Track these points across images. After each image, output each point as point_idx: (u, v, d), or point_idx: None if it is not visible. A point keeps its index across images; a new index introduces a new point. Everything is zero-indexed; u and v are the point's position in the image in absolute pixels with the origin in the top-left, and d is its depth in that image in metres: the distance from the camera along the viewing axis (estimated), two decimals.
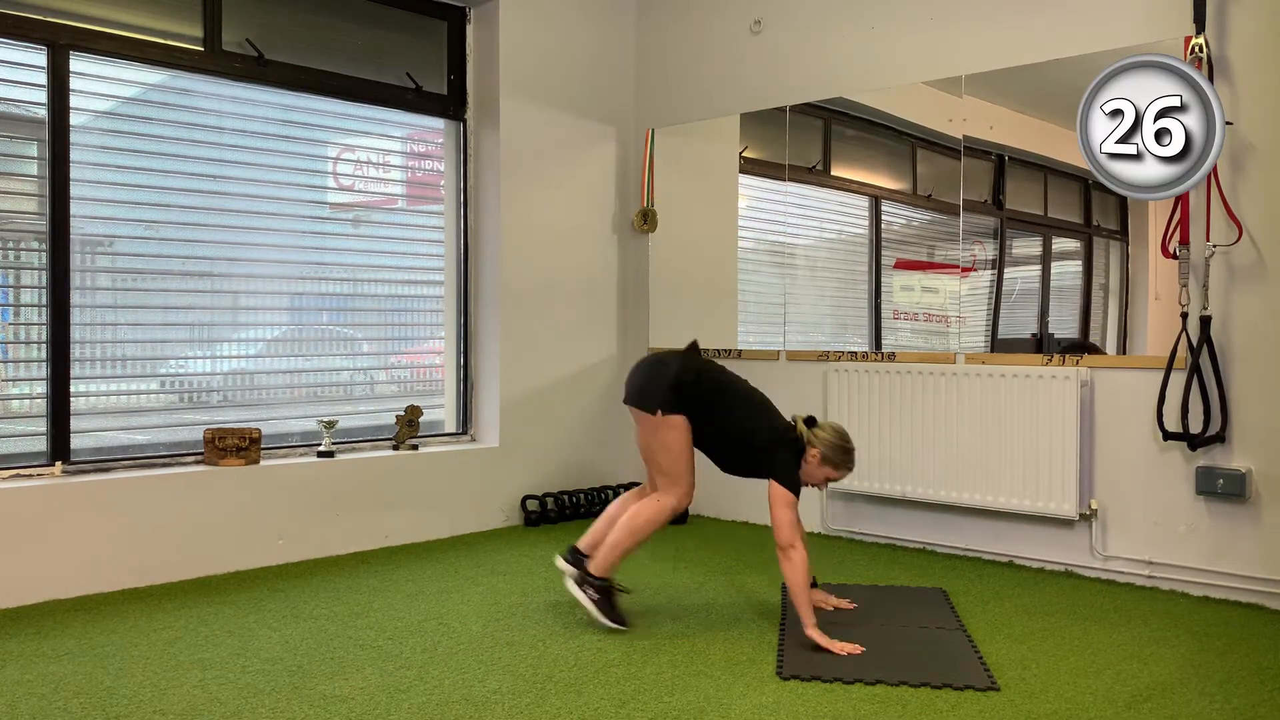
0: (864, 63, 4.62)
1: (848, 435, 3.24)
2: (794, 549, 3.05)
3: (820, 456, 3.18)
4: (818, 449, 3.18)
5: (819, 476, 3.22)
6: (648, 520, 3.25)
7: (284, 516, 4.13)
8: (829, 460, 3.19)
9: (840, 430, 3.24)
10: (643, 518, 3.25)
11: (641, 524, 3.24)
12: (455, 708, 2.57)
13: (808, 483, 3.24)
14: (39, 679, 2.76)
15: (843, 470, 3.23)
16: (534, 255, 5.03)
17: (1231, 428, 3.64)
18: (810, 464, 3.20)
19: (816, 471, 3.21)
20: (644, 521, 3.24)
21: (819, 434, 3.19)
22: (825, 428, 3.22)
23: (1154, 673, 2.87)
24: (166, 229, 4.09)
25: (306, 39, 4.49)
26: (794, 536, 3.07)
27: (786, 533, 3.08)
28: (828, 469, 3.20)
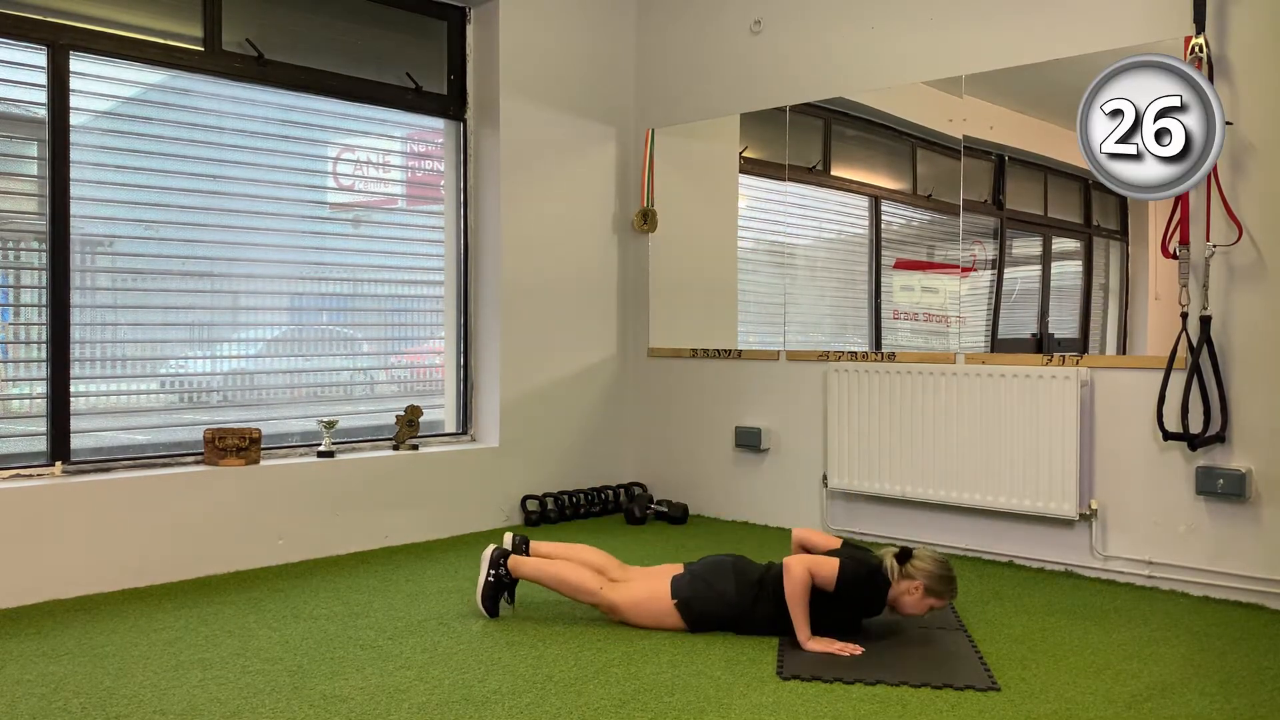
0: (864, 63, 4.62)
1: (948, 564, 3.15)
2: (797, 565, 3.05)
3: (924, 589, 3.10)
4: (920, 582, 3.10)
5: (922, 608, 3.13)
6: (578, 588, 3.27)
7: (284, 516, 4.13)
8: (933, 591, 3.11)
9: (939, 559, 3.15)
10: (576, 582, 3.27)
11: (573, 582, 3.27)
12: (455, 708, 2.57)
13: (907, 614, 3.15)
14: (39, 679, 2.76)
15: (946, 598, 3.15)
16: (534, 255, 5.03)
17: (1231, 428, 3.64)
18: (913, 596, 3.10)
19: (919, 604, 3.11)
20: (574, 585, 3.27)
21: (919, 566, 3.11)
22: (924, 558, 3.13)
23: (1154, 673, 2.87)
24: (166, 229, 4.09)
25: (306, 39, 4.49)
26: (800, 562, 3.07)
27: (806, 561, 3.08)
28: (931, 600, 3.12)
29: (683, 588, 3.20)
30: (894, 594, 3.12)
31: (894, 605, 3.15)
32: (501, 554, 3.37)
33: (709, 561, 3.29)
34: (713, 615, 3.19)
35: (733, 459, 5.09)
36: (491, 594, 3.33)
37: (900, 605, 3.14)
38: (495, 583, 3.33)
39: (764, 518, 4.98)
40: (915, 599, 3.11)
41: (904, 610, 3.15)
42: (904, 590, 3.11)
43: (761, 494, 4.98)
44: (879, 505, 4.54)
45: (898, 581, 3.11)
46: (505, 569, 3.34)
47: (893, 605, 3.15)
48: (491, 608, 3.33)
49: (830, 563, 3.08)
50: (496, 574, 3.34)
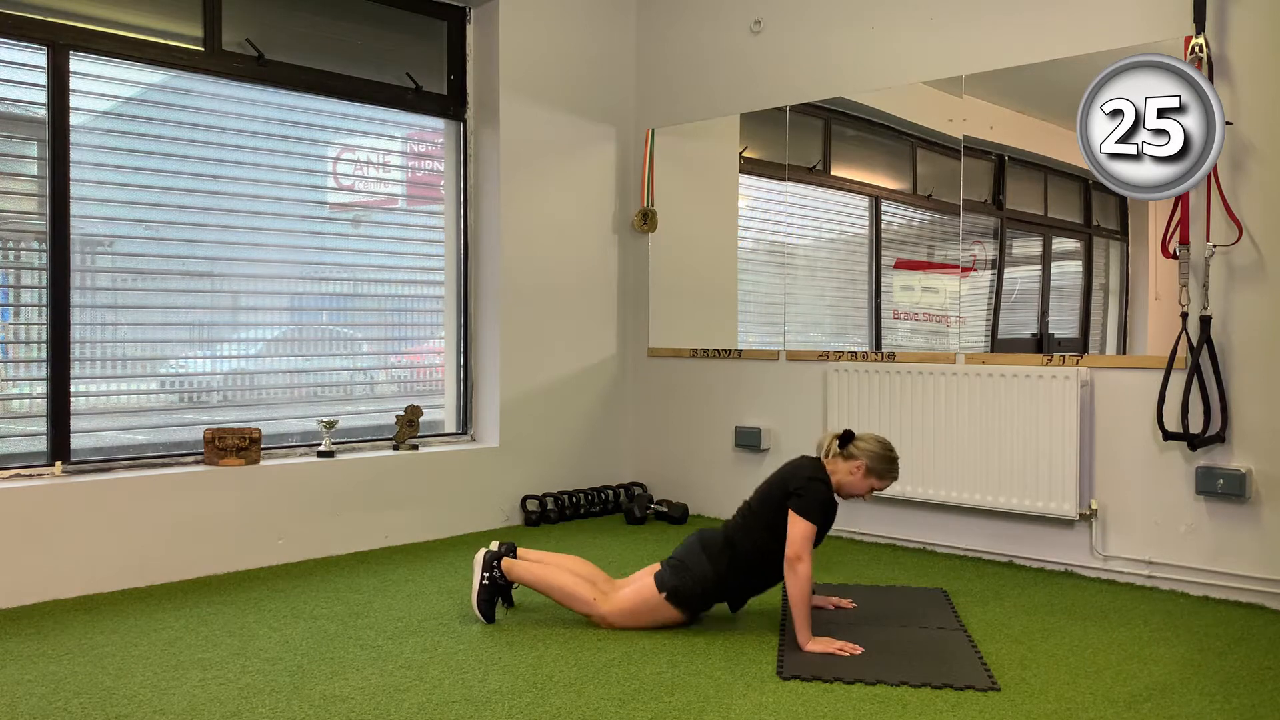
0: (864, 63, 4.62)
1: (890, 445, 3.25)
2: (801, 563, 3.04)
3: (865, 469, 3.18)
4: (861, 461, 3.18)
5: (863, 487, 3.21)
6: (573, 595, 3.25)
7: (284, 516, 4.13)
8: (874, 471, 3.19)
9: (882, 440, 3.24)
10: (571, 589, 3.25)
11: (568, 589, 3.25)
12: (455, 708, 2.57)
13: (850, 495, 3.23)
14: (39, 679, 2.76)
15: (887, 479, 3.22)
16: (534, 255, 5.03)
17: (1231, 428, 3.64)
18: (854, 476, 3.19)
19: (861, 483, 3.20)
20: (569, 592, 3.25)
21: (861, 446, 3.20)
22: (866, 439, 3.22)
23: (1154, 673, 2.87)
24: (166, 229, 4.09)
25: (306, 39, 4.49)
26: (804, 552, 3.06)
27: (797, 547, 3.06)
28: (872, 479, 3.20)
29: (667, 579, 3.21)
30: (838, 478, 3.20)
31: (839, 491, 3.22)
32: (494, 556, 3.34)
33: (680, 549, 3.30)
34: (703, 595, 3.20)
35: (733, 459, 5.09)
36: (487, 597, 3.30)
37: (843, 489, 3.21)
38: (490, 585, 3.30)
39: None
40: (857, 479, 3.19)
41: (846, 492, 3.22)
42: (846, 471, 3.19)
43: None
44: (879, 505, 4.54)
45: (840, 462, 3.20)
46: (500, 572, 3.32)
47: (837, 492, 3.22)
48: (488, 612, 3.29)
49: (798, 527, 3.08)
50: (491, 577, 3.31)
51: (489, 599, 3.30)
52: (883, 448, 3.22)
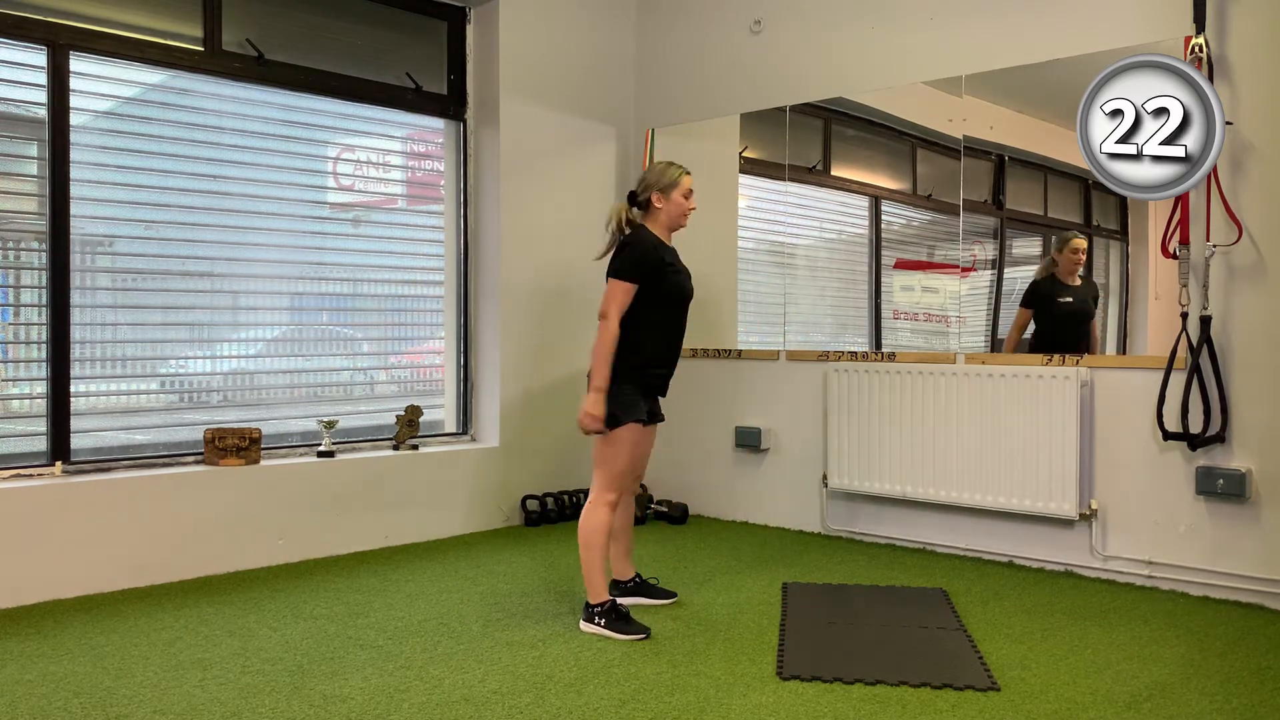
0: (864, 63, 4.62)
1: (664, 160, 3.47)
2: (605, 320, 3.23)
3: (658, 194, 3.35)
4: (652, 192, 3.35)
5: (677, 207, 3.38)
6: (590, 529, 3.25)
7: (284, 516, 4.13)
8: (663, 186, 3.36)
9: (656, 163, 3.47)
10: (586, 528, 3.26)
11: (587, 535, 3.25)
12: (455, 708, 2.57)
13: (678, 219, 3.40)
14: (39, 679, 2.76)
15: (682, 179, 3.38)
16: (534, 255, 5.03)
17: (1231, 428, 3.64)
18: (660, 208, 3.37)
19: (671, 207, 3.38)
20: (588, 531, 3.26)
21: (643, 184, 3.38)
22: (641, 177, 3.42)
23: (1154, 673, 2.87)
24: (166, 229, 4.09)
25: (306, 39, 4.49)
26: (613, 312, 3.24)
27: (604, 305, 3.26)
28: (674, 193, 3.37)
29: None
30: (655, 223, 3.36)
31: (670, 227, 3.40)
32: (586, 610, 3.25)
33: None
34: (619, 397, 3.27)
35: (733, 459, 5.09)
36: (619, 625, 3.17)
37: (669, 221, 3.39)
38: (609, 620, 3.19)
39: (764, 518, 4.98)
40: (664, 205, 3.36)
41: (673, 222, 3.40)
42: (656, 212, 3.36)
43: (761, 494, 4.98)
44: (879, 505, 4.54)
45: (647, 214, 3.37)
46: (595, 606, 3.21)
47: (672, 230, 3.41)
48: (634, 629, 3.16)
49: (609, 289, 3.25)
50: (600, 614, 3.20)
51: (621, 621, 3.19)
52: (655, 166, 3.42)
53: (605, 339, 3.23)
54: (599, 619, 3.20)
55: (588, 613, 3.23)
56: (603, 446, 3.27)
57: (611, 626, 3.18)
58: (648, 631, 3.18)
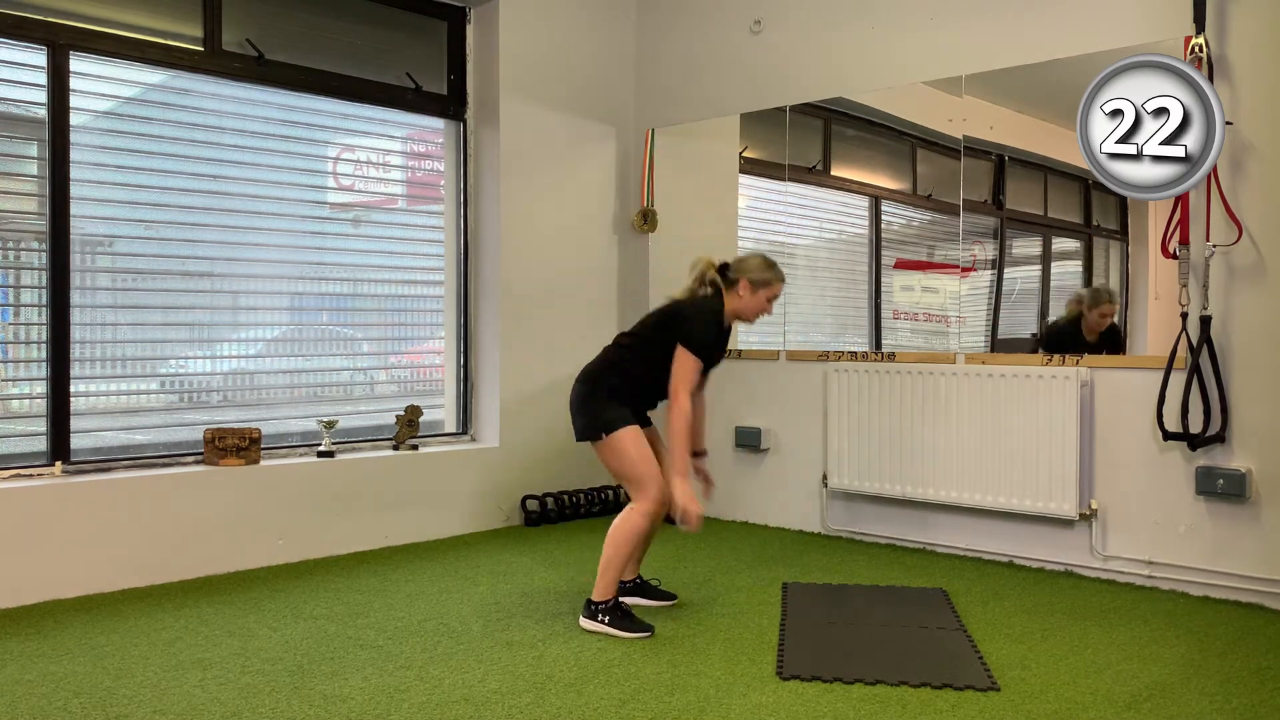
0: (864, 63, 4.62)
1: (764, 255, 3.40)
2: (680, 396, 3.17)
3: (748, 284, 3.28)
4: (744, 278, 3.28)
5: (759, 302, 3.31)
6: (625, 533, 3.23)
7: (284, 516, 4.13)
8: (755, 280, 3.29)
9: (756, 254, 3.39)
10: (622, 532, 3.23)
11: (622, 538, 3.22)
12: (455, 708, 2.57)
13: (743, 316, 3.33)
14: (39, 679, 2.76)
15: (776, 284, 3.32)
16: (534, 255, 5.03)
17: (1231, 428, 3.64)
18: (743, 297, 3.29)
19: (753, 301, 3.30)
20: (624, 536, 3.23)
21: (739, 267, 3.32)
22: (739, 259, 3.34)
23: (1154, 673, 2.87)
24: (166, 229, 4.09)
25: (306, 39, 4.49)
26: (683, 388, 3.17)
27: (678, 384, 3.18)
28: (763, 291, 3.30)
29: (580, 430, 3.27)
30: (732, 307, 3.29)
31: (739, 317, 3.33)
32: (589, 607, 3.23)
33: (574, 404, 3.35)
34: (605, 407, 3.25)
35: (733, 459, 5.09)
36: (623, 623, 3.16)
37: (744, 313, 3.31)
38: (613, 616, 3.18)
39: (764, 518, 4.98)
40: (749, 296, 3.29)
41: (750, 315, 3.32)
42: (737, 296, 3.29)
43: (761, 494, 4.98)
44: (879, 505, 4.54)
45: (728, 294, 3.29)
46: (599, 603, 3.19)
47: (739, 318, 3.33)
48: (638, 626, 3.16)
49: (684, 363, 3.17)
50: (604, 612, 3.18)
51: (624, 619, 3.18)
52: (755, 257, 3.34)
53: (679, 419, 3.15)
54: (602, 616, 3.19)
55: (590, 610, 3.22)
56: (609, 459, 3.25)
57: (615, 624, 3.17)
58: (651, 630, 3.18)
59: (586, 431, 3.28)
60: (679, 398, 3.18)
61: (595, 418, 3.24)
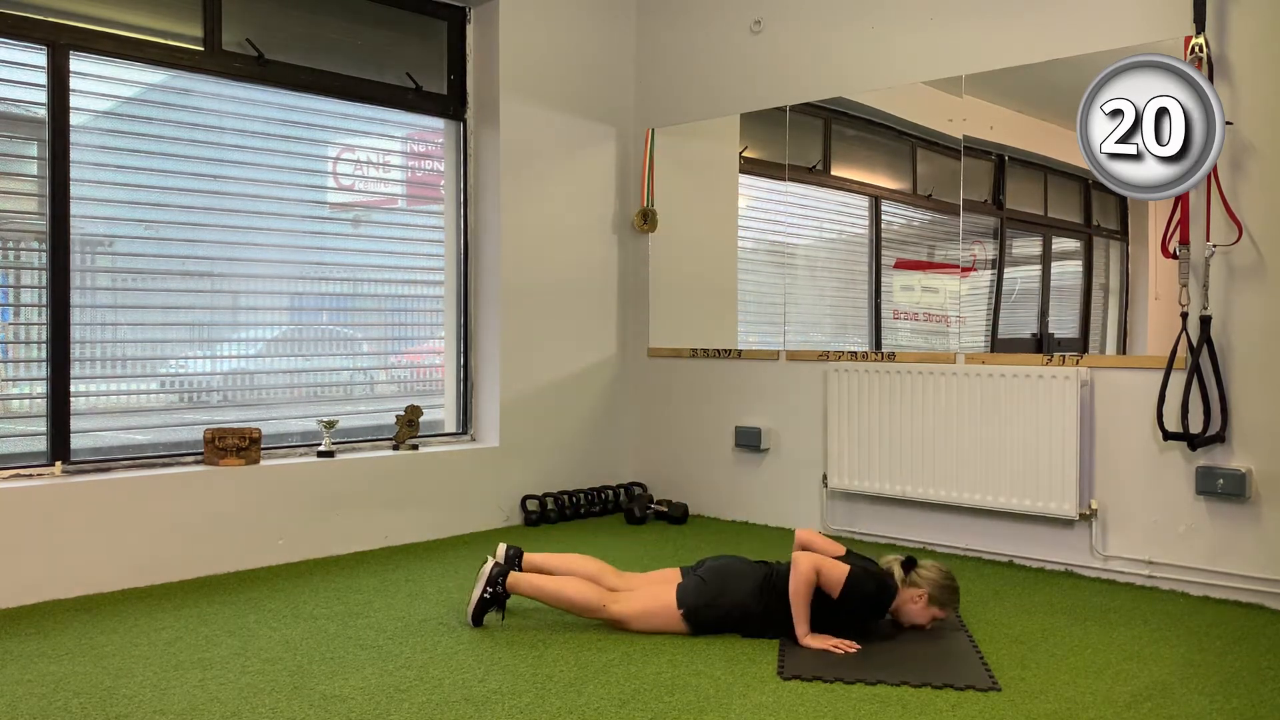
0: (864, 63, 4.62)
1: (952, 574, 3.22)
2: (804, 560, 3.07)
3: (927, 598, 3.14)
4: (924, 590, 3.14)
5: (925, 617, 3.16)
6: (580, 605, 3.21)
7: (284, 516, 4.13)
8: (936, 600, 3.15)
9: (944, 569, 3.21)
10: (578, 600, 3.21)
11: (574, 600, 3.21)
12: (455, 708, 2.57)
13: (909, 622, 3.19)
14: (39, 679, 2.76)
15: (949, 609, 3.19)
16: (534, 255, 5.03)
17: (1231, 428, 3.64)
18: (916, 605, 3.15)
19: (922, 612, 3.15)
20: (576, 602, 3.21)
21: (924, 575, 3.16)
22: (929, 567, 3.18)
23: (1154, 673, 2.87)
24: (166, 229, 4.09)
25: (306, 39, 4.49)
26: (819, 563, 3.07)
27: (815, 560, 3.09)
28: (934, 609, 3.16)
29: (689, 595, 3.17)
30: (898, 602, 3.15)
31: (896, 614, 3.18)
32: (501, 572, 3.26)
33: (713, 567, 3.25)
34: (720, 620, 3.17)
35: (733, 459, 5.09)
36: (482, 610, 3.24)
37: (903, 614, 3.17)
38: (490, 599, 3.24)
39: (764, 518, 4.98)
40: (919, 608, 3.15)
41: (906, 620, 3.18)
42: (908, 599, 3.15)
43: (761, 494, 4.98)
44: (879, 505, 4.54)
45: (902, 590, 3.15)
46: (502, 586, 3.24)
47: (895, 614, 3.18)
48: (479, 619, 3.24)
49: (839, 567, 3.08)
50: (494, 591, 3.24)
51: (485, 608, 3.25)
52: (944, 576, 3.17)
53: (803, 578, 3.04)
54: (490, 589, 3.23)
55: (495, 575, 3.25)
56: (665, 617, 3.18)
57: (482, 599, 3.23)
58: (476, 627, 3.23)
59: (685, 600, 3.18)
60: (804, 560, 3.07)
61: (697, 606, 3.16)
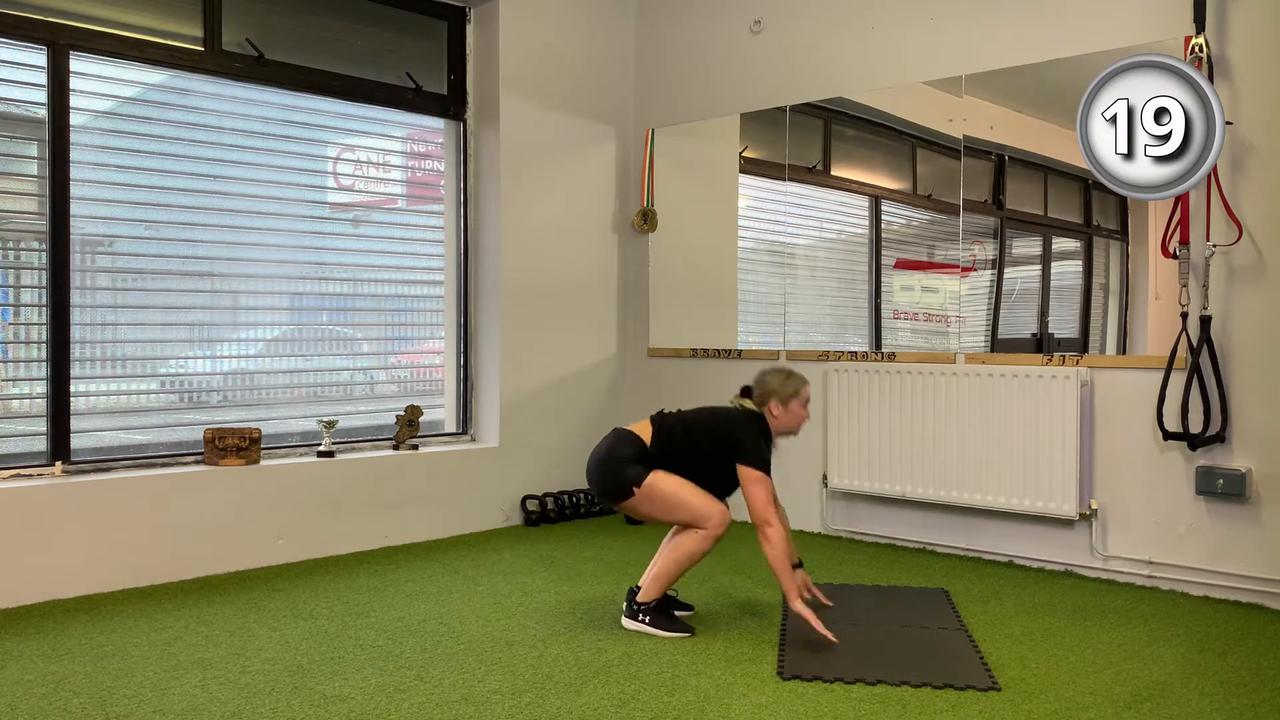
0: (864, 63, 4.62)
1: (778, 367, 3.36)
2: (770, 527, 3.08)
3: (777, 403, 3.24)
4: (771, 399, 3.24)
5: (796, 418, 3.27)
6: (689, 553, 3.19)
7: (284, 516, 4.13)
8: (786, 398, 3.24)
9: (776, 370, 3.33)
10: (685, 550, 3.19)
11: (683, 555, 3.19)
12: (455, 708, 2.57)
13: (788, 432, 3.28)
14: (39, 679, 2.76)
15: (804, 394, 3.27)
16: (534, 255, 5.03)
17: (1231, 428, 3.64)
18: (778, 417, 3.25)
19: (786, 417, 3.26)
20: (685, 554, 3.19)
21: (765, 386, 3.27)
22: (759, 383, 3.29)
23: (1154, 673, 2.87)
24: (166, 229, 4.09)
25: (306, 39, 4.49)
26: (769, 514, 3.10)
27: (761, 511, 3.10)
28: (793, 405, 3.25)
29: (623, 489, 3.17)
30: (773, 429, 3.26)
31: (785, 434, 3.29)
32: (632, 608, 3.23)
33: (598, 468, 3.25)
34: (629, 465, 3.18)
35: None
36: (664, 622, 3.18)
37: (782, 430, 3.27)
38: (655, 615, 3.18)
39: None
40: (783, 415, 3.25)
41: (785, 431, 3.27)
42: (771, 416, 3.25)
43: None
44: (879, 505, 4.54)
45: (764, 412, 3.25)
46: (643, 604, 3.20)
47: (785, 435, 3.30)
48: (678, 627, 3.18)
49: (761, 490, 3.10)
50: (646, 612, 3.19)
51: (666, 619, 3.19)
52: (776, 372, 3.30)
53: (777, 548, 3.06)
54: (643, 616, 3.20)
55: (632, 610, 3.23)
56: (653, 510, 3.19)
57: (655, 623, 3.19)
58: (691, 631, 3.19)
59: (615, 492, 3.19)
60: (770, 525, 3.06)
61: (619, 475, 3.17)
